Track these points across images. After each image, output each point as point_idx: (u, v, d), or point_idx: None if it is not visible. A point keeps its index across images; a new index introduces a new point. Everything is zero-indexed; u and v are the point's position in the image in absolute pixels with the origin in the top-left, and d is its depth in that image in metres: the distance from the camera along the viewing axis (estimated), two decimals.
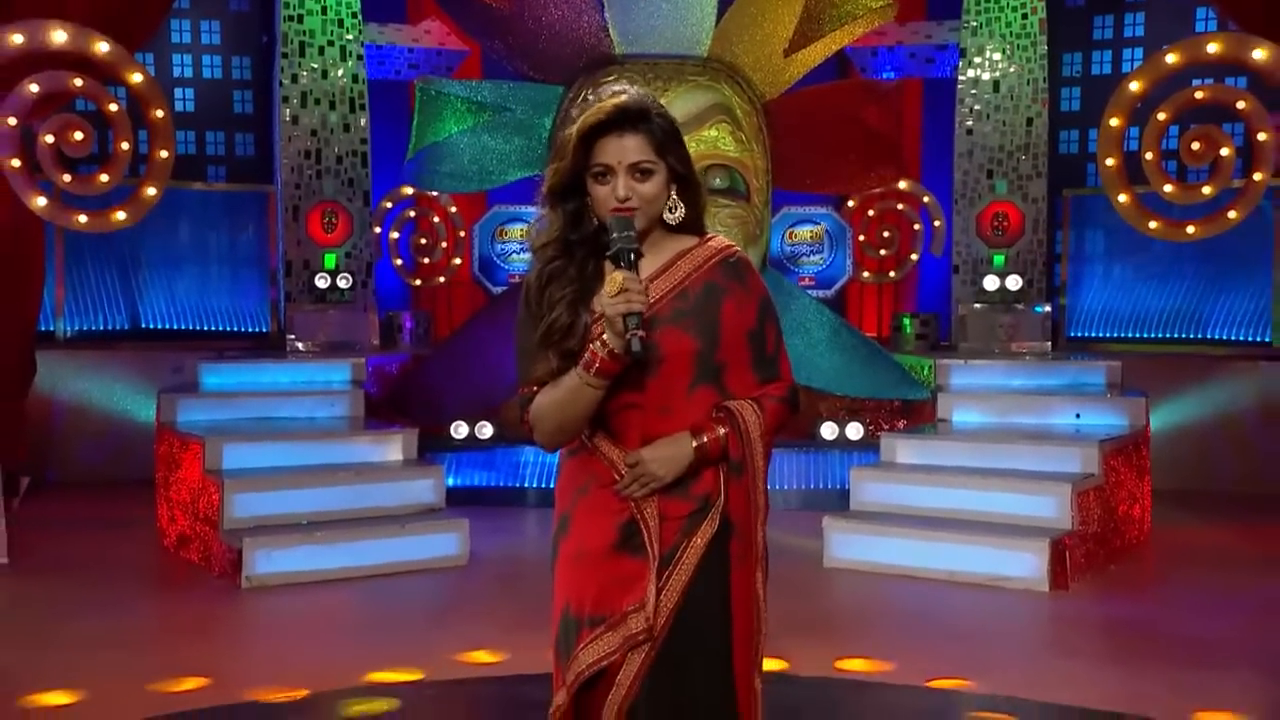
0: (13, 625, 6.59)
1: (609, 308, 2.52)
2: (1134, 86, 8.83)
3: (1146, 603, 6.93)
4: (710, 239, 2.76)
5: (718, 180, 8.23)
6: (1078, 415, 8.50)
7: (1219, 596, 6.97)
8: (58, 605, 6.77)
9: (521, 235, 11.50)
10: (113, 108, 8.58)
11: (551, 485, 2.78)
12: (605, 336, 2.53)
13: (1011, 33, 11.17)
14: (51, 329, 10.88)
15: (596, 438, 2.66)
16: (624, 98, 2.65)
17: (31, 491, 9.33)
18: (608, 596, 2.62)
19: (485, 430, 9.68)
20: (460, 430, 9.65)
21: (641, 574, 2.60)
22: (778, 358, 2.75)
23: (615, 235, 2.58)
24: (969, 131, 11.27)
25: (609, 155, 2.61)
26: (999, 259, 11.10)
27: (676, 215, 2.70)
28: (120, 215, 8.77)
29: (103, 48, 8.37)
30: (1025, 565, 7.04)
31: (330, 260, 10.98)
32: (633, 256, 2.57)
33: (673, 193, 2.69)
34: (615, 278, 2.53)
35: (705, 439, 2.62)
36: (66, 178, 8.50)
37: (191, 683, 5.38)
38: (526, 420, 2.69)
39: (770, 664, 4.43)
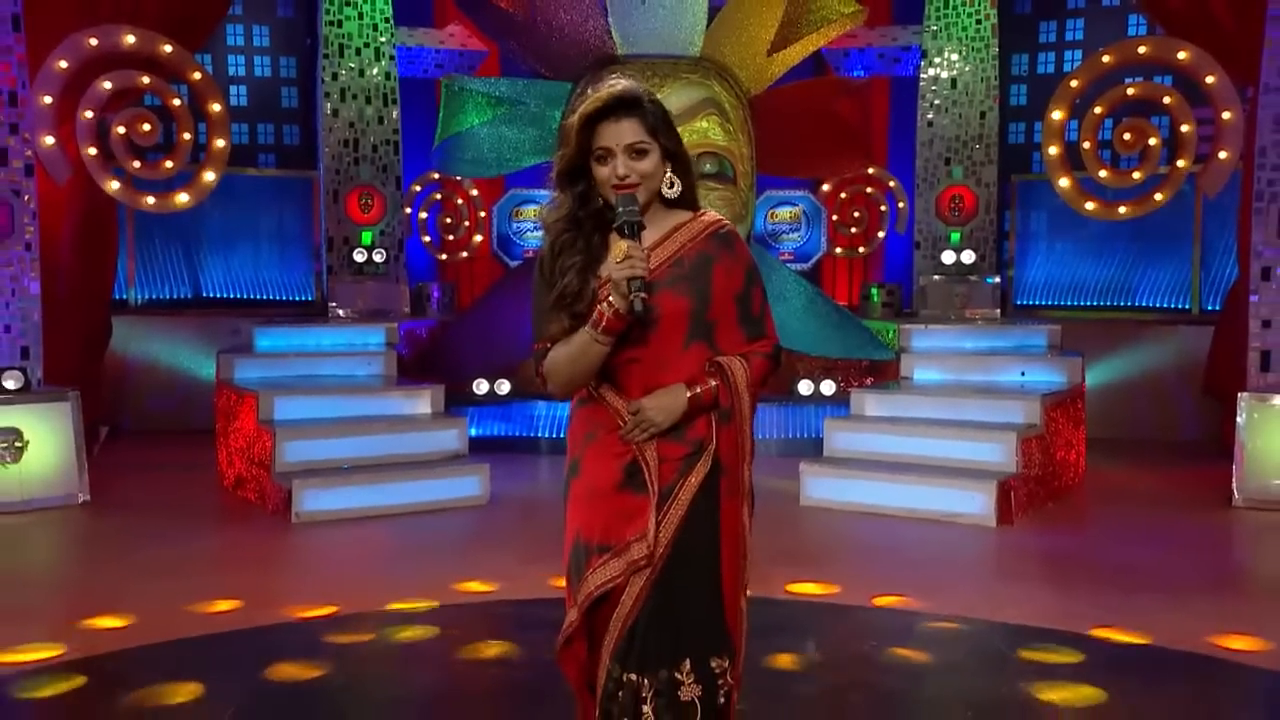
0: (89, 554, 6.67)
1: (615, 272, 2.52)
2: (1074, 83, 8.84)
3: (1080, 535, 6.99)
4: (703, 214, 2.75)
5: (708, 166, 8.22)
6: (1023, 373, 8.52)
7: (1142, 530, 7.01)
8: (129, 537, 6.82)
9: (535, 215, 11.50)
10: (176, 102, 8.59)
11: (561, 436, 2.80)
12: (611, 298, 2.54)
13: (967, 36, 11.17)
14: (124, 297, 10.90)
15: (603, 389, 2.67)
16: (618, 88, 2.64)
17: (109, 439, 9.38)
18: (613, 528, 2.63)
19: (503, 387, 9.70)
20: (481, 387, 9.67)
21: (643, 508, 2.61)
22: (763, 319, 2.74)
23: (621, 209, 2.58)
24: (929, 124, 11.29)
25: (608, 139, 2.60)
26: (955, 236, 11.13)
27: (674, 191, 2.69)
28: (183, 197, 8.79)
29: (167, 49, 8.38)
30: (975, 503, 7.09)
31: (367, 237, 11.01)
32: (636, 228, 2.57)
33: (668, 170, 2.67)
34: (620, 246, 2.54)
35: (698, 390, 2.62)
36: (136, 164, 8.52)
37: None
38: (541, 372, 2.70)
39: (751, 588, 4.49)
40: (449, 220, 11.70)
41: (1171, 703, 4.25)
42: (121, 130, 8.34)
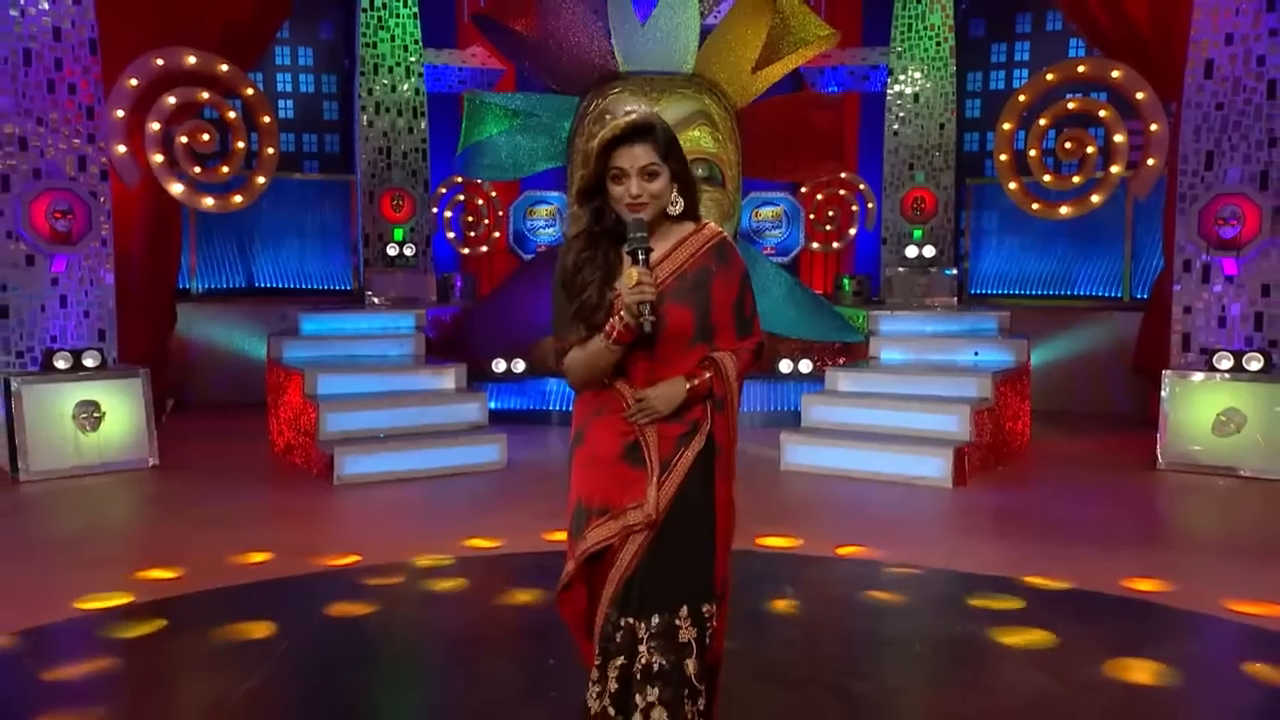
0: (154, 511, 6.73)
1: (628, 296, 2.53)
2: (1021, 98, 8.86)
3: (1025, 494, 7.01)
4: (704, 227, 2.74)
5: (700, 171, 8.19)
6: (976, 353, 8.55)
7: (1079, 490, 7.07)
8: (190, 496, 6.87)
9: (547, 214, 11.54)
10: (231, 115, 8.59)
11: (570, 409, 2.79)
12: (623, 313, 2.54)
13: (928, 57, 11.16)
14: (187, 287, 10.93)
15: (615, 380, 2.66)
16: (634, 116, 2.64)
17: (174, 411, 9.41)
18: (612, 494, 2.63)
19: (519, 366, 9.71)
20: (499, 365, 9.69)
21: (639, 480, 2.61)
22: (752, 320, 2.75)
23: (631, 235, 2.57)
24: (895, 133, 11.30)
25: (623, 161, 2.59)
26: (917, 233, 11.15)
27: (678, 208, 2.68)
28: (238, 199, 8.81)
29: (223, 68, 8.38)
30: (934, 467, 7.13)
31: (398, 234, 11.03)
32: (645, 254, 2.57)
33: (674, 191, 2.66)
34: (631, 274, 2.54)
35: (696, 381, 2.63)
36: (197, 169, 8.53)
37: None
38: (562, 368, 2.71)
39: (737, 544, 4.51)
40: (470, 219, 11.72)
41: (1109, 641, 4.30)
42: (184, 140, 8.36)
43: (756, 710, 3.62)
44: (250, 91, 8.72)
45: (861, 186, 11.64)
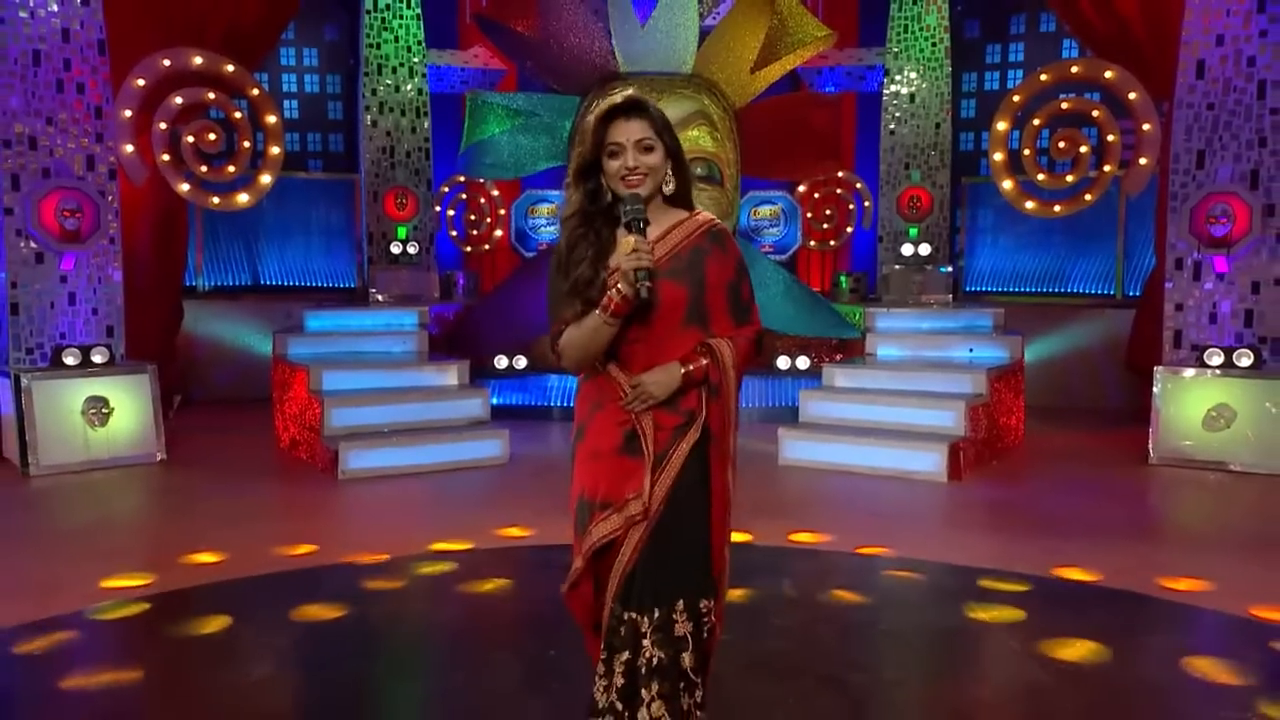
0: (171, 504, 6.73)
1: (625, 263, 2.51)
2: (1015, 99, 8.84)
3: (1019, 489, 7.01)
4: (698, 214, 2.74)
5: (698, 170, 8.18)
6: (971, 349, 8.54)
7: (1072, 483, 7.07)
8: (202, 490, 6.88)
9: (548, 213, 11.53)
10: (237, 115, 8.59)
11: (571, 404, 2.79)
12: (620, 285, 2.53)
13: (924, 57, 11.15)
14: (194, 284, 10.92)
15: (609, 365, 2.66)
16: (629, 92, 2.67)
17: (181, 406, 9.40)
18: (614, 487, 2.62)
19: (520, 362, 9.72)
20: (501, 362, 9.70)
21: (639, 470, 2.60)
22: (750, 307, 2.73)
23: (628, 208, 2.57)
24: (891, 133, 11.29)
25: (620, 134, 2.60)
26: (913, 231, 11.14)
27: (670, 187, 2.68)
28: (243, 197, 8.80)
29: (229, 68, 8.37)
30: (930, 462, 7.14)
31: (402, 232, 11.02)
32: (642, 224, 2.56)
33: (668, 169, 2.67)
34: (628, 241, 2.53)
35: (691, 367, 2.61)
36: (203, 168, 8.53)
37: (305, 548, 5.48)
38: (557, 351, 2.68)
39: (737, 536, 4.52)
40: (473, 217, 11.72)
41: (1104, 632, 4.30)
42: (190, 139, 8.35)
43: (752, 701, 3.62)
44: (256, 91, 8.70)
45: (858, 185, 11.63)
